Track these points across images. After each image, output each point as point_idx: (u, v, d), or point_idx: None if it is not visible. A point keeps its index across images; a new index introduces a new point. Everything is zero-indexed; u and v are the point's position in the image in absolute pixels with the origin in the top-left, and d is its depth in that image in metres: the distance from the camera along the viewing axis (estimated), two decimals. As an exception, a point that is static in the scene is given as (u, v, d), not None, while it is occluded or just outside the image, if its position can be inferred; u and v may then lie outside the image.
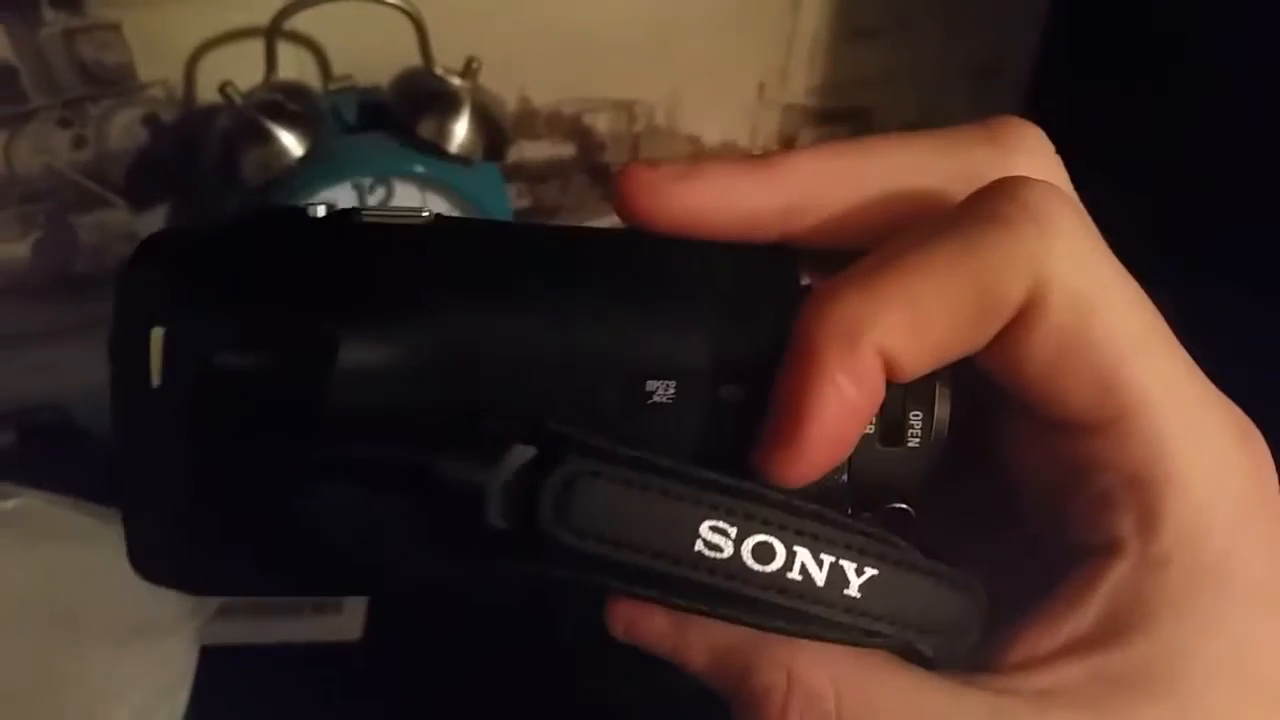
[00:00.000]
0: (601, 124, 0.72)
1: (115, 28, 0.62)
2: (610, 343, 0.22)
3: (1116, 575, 0.22)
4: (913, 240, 0.21)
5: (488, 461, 0.20)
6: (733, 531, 0.20)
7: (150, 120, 0.66)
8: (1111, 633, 0.21)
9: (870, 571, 0.21)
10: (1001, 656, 0.22)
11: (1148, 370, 0.21)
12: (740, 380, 0.22)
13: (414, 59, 0.61)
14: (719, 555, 0.20)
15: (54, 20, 0.62)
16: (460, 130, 0.59)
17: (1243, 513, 0.22)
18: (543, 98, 0.70)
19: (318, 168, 0.58)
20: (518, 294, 0.22)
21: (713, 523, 0.20)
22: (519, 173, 0.72)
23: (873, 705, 0.21)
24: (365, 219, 0.23)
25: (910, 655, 0.22)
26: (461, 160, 0.59)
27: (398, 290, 0.22)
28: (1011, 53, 0.76)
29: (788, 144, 0.76)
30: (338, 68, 0.64)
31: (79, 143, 0.66)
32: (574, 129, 0.72)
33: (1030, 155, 0.23)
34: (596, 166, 0.74)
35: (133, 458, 0.23)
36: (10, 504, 0.59)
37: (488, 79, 0.61)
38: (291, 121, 0.58)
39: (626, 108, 0.72)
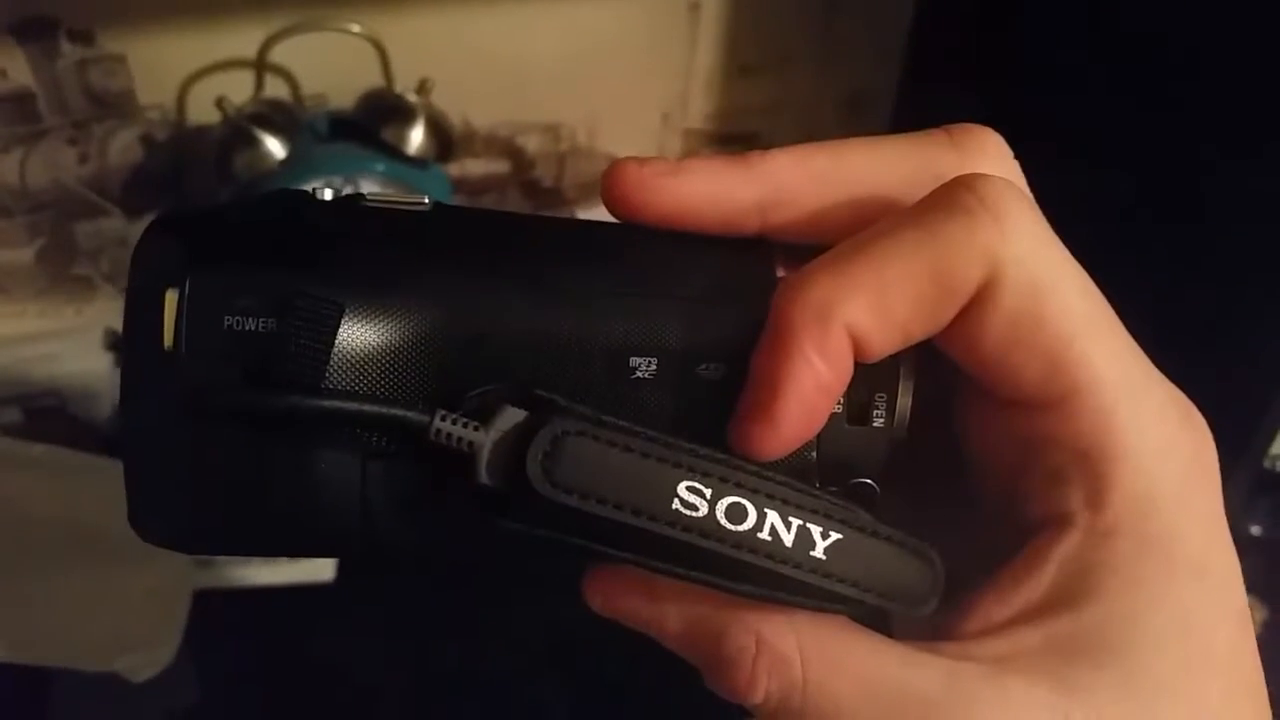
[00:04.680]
0: (532, 144, 0.81)
1: (121, 59, 0.73)
2: (596, 321, 0.22)
3: (1067, 546, 0.22)
4: (880, 230, 0.22)
5: (480, 422, 0.21)
6: (708, 492, 0.20)
7: (146, 139, 0.76)
8: (1063, 601, 0.22)
9: (835, 535, 0.21)
10: (959, 625, 0.23)
11: (1095, 351, 0.22)
12: (718, 359, 0.22)
13: (377, 80, 0.72)
14: (695, 514, 0.20)
15: (70, 52, 0.72)
16: (416, 136, 0.70)
17: (1185, 489, 0.22)
18: (481, 120, 0.79)
19: (296, 168, 0.69)
20: (510, 275, 0.22)
21: (689, 483, 0.20)
22: (461, 186, 0.81)
23: (837, 669, 0.21)
24: (368, 203, 0.23)
25: (872, 622, 0.22)
26: (418, 162, 0.70)
27: (398, 267, 0.22)
28: (877, 86, 0.84)
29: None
30: (313, 88, 0.74)
31: (83, 158, 0.76)
32: (508, 149, 0.81)
33: (989, 157, 0.24)
34: (527, 182, 0.83)
35: (138, 418, 0.23)
36: (37, 450, 0.68)
37: (437, 100, 0.71)
38: (275, 130, 0.68)
39: (553, 130, 0.81)
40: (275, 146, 0.68)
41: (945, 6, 0.80)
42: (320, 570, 0.74)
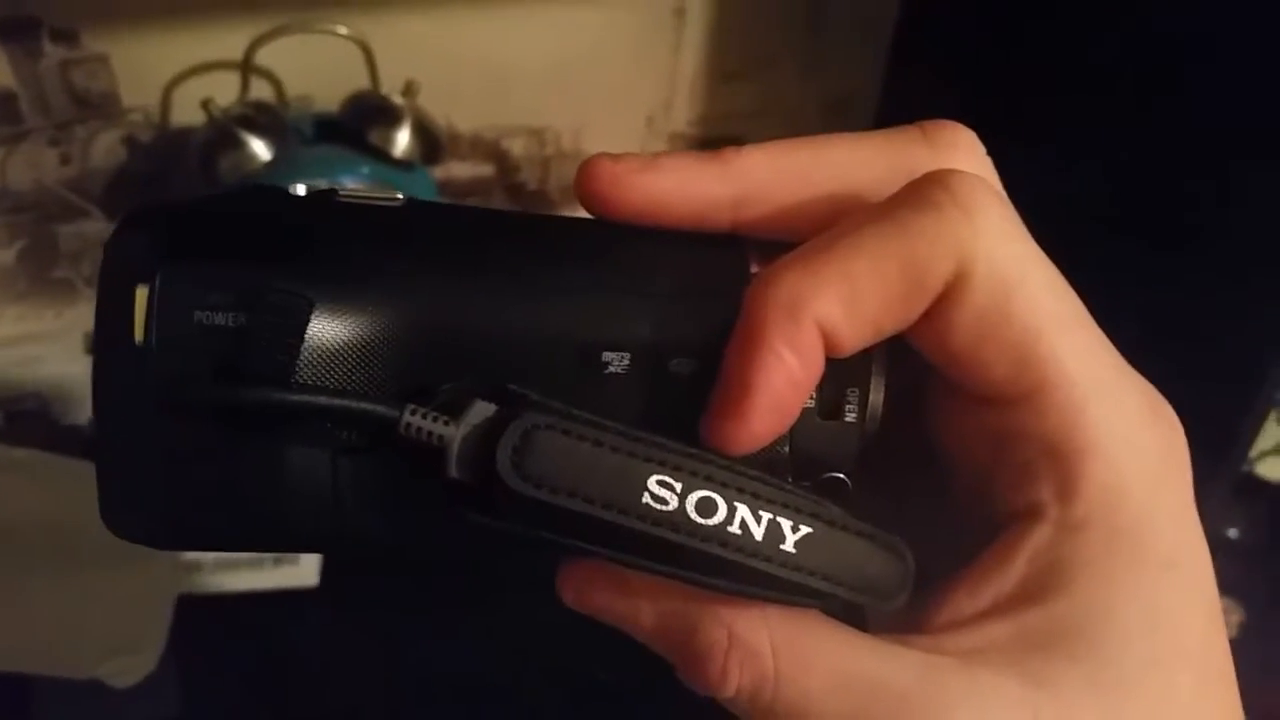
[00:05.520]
0: (517, 147, 0.81)
1: (104, 59, 0.72)
2: (569, 315, 0.22)
3: (1037, 539, 0.22)
4: (851, 225, 0.22)
5: (450, 416, 0.21)
6: (678, 486, 0.21)
7: (129, 140, 0.75)
8: (1033, 593, 0.22)
9: (805, 529, 0.21)
10: (930, 618, 0.23)
11: (1064, 346, 0.22)
12: (690, 354, 0.23)
13: (363, 83, 0.71)
14: (665, 508, 0.20)
15: (52, 52, 0.71)
16: (402, 139, 0.69)
17: (1156, 482, 0.22)
18: (467, 124, 0.79)
19: (281, 170, 0.68)
20: (482, 269, 0.22)
21: (660, 477, 0.21)
22: (447, 189, 0.81)
23: (808, 663, 0.21)
24: (342, 199, 0.23)
25: (843, 616, 0.22)
26: (403, 165, 0.70)
27: (370, 262, 0.22)
28: (861, 89, 0.85)
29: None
30: (298, 90, 0.74)
31: (65, 160, 0.75)
32: (493, 152, 0.81)
33: (961, 152, 0.24)
34: (512, 185, 0.83)
35: (110, 414, 0.23)
36: (19, 453, 0.68)
37: (423, 103, 0.71)
38: (260, 132, 0.68)
39: (538, 134, 0.81)
40: (261, 148, 0.68)
41: (930, 9, 0.80)
42: (305, 575, 0.74)
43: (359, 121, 0.70)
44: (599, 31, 0.78)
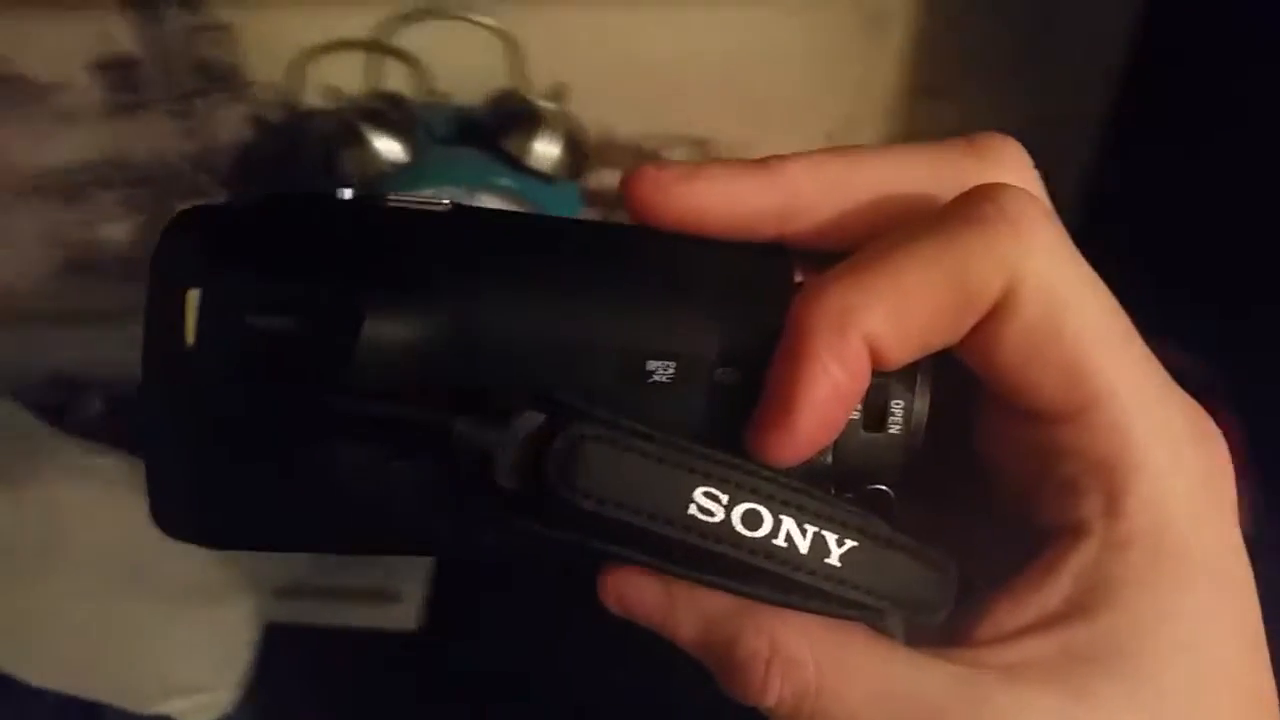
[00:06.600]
0: (678, 159, 0.73)
1: (227, 28, 0.66)
2: (615, 324, 0.23)
3: (1082, 555, 0.22)
4: (899, 238, 0.22)
5: (500, 425, 0.21)
6: (724, 498, 0.21)
7: (256, 118, 0.70)
8: (1076, 610, 0.22)
9: (850, 543, 0.22)
10: (972, 632, 0.23)
11: (1113, 363, 0.22)
12: (735, 365, 0.23)
13: (506, 80, 0.64)
14: (710, 519, 0.21)
15: (175, 18, 0.66)
16: (546, 149, 0.62)
17: (1200, 502, 0.22)
18: (624, 130, 0.72)
19: (409, 174, 0.62)
20: (529, 277, 0.23)
21: (706, 489, 0.21)
22: (597, 198, 0.74)
23: (849, 674, 0.22)
24: (390, 204, 0.24)
25: (885, 628, 0.23)
26: (545, 177, 0.62)
27: (419, 268, 0.23)
28: (1077, 110, 0.76)
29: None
30: (435, 82, 0.67)
31: (187, 134, 0.70)
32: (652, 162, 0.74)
33: (1009, 166, 0.24)
34: None
35: (160, 415, 0.23)
36: (101, 460, 0.63)
37: (574, 107, 0.64)
38: (388, 129, 0.61)
39: (702, 145, 0.74)
40: (388, 147, 0.62)
41: (1172, 30, 0.71)
42: (403, 618, 0.69)
43: (500, 124, 0.63)
44: (780, 33, 0.70)
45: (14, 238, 0.75)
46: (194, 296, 0.21)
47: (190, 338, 0.21)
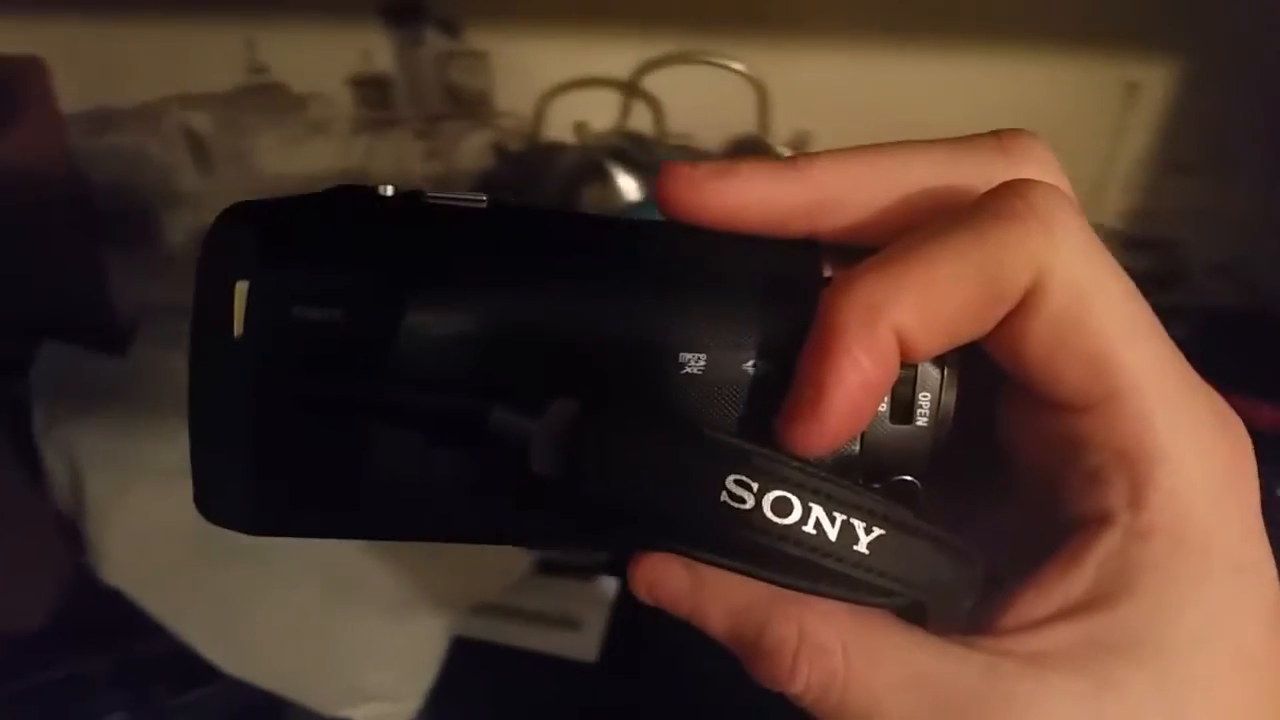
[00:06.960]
0: None
1: (484, 56, 0.68)
2: (648, 317, 0.23)
3: (1106, 544, 0.22)
4: (929, 233, 0.22)
5: (535, 413, 0.22)
6: (755, 486, 0.21)
7: (497, 146, 0.71)
8: (1101, 598, 0.22)
9: (878, 531, 0.22)
10: (997, 620, 0.23)
11: (1137, 355, 0.22)
12: (765, 357, 0.23)
13: (750, 126, 0.64)
14: (741, 506, 0.21)
15: (433, 41, 0.68)
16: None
17: (1223, 491, 0.22)
18: None
19: (647, 212, 0.62)
20: (565, 271, 0.23)
21: (737, 476, 0.21)
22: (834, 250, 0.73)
23: (877, 661, 0.22)
24: (430, 200, 0.24)
25: (911, 616, 0.23)
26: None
27: (459, 262, 0.23)
28: None
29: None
30: (679, 124, 0.67)
31: (431, 154, 0.72)
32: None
33: (1036, 163, 0.24)
34: None
35: (207, 405, 0.24)
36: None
37: None
38: (632, 167, 0.62)
39: None
40: (629, 186, 0.62)
41: None
42: (585, 648, 0.68)
43: (739, 170, 0.62)
44: (1029, 94, 0.68)
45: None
46: (242, 288, 0.22)
47: (239, 329, 0.22)
